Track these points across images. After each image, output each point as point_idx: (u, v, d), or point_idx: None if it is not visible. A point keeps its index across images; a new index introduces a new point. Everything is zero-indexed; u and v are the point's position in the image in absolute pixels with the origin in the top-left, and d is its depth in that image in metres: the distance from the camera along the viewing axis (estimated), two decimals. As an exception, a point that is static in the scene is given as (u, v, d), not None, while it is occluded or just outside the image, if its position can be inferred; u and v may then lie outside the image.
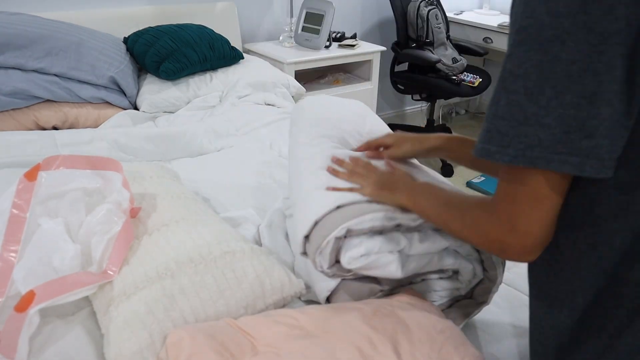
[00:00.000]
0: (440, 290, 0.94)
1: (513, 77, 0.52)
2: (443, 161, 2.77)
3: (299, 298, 0.94)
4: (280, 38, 2.51)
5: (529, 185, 0.55)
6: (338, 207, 0.82)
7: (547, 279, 0.64)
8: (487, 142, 0.55)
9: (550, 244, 0.60)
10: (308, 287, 0.94)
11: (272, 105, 1.94)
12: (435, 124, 3.04)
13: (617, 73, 0.48)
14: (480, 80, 2.68)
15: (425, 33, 2.66)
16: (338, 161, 0.91)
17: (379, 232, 0.84)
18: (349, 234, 0.81)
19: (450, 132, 3.19)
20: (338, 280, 0.87)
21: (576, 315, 0.60)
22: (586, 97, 0.49)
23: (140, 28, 2.02)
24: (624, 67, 0.48)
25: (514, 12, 0.53)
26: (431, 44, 2.67)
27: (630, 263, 0.55)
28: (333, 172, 0.89)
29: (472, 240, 0.65)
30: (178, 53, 1.88)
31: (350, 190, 0.85)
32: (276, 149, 1.61)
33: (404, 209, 0.81)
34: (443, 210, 0.72)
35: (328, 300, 0.89)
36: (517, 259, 0.60)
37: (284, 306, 0.90)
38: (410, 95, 3.19)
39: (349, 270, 0.83)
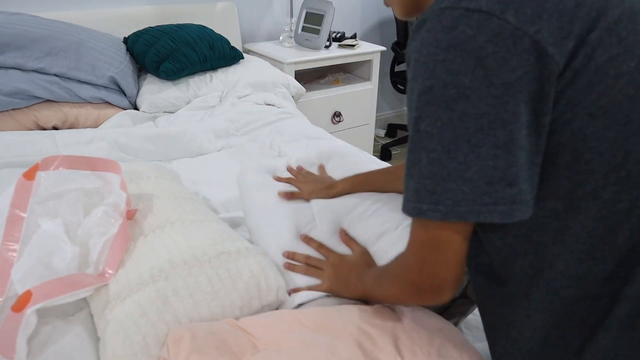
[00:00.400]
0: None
1: (429, 136, 0.53)
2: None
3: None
4: (280, 38, 2.51)
5: (431, 232, 0.57)
6: (299, 305, 0.89)
7: (500, 309, 0.65)
8: (418, 201, 0.55)
9: (495, 277, 0.62)
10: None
11: (272, 105, 1.94)
12: (435, 124, 3.04)
13: (524, 119, 0.51)
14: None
15: (425, 33, 2.65)
16: (289, 255, 0.94)
17: None
18: None
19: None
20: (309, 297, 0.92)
21: (537, 336, 0.61)
22: (500, 146, 0.50)
23: (140, 28, 2.02)
24: (529, 112, 0.51)
25: (413, 74, 0.54)
26: (431, 44, 2.67)
27: (578, 283, 0.56)
28: (289, 268, 0.93)
29: (402, 295, 0.67)
30: (178, 53, 1.88)
31: (309, 288, 0.90)
32: (276, 149, 1.61)
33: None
34: (377, 285, 0.75)
35: None
36: (433, 300, 0.61)
37: (278, 308, 0.90)
38: (410, 95, 3.18)
39: None
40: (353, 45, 2.46)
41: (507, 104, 0.50)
